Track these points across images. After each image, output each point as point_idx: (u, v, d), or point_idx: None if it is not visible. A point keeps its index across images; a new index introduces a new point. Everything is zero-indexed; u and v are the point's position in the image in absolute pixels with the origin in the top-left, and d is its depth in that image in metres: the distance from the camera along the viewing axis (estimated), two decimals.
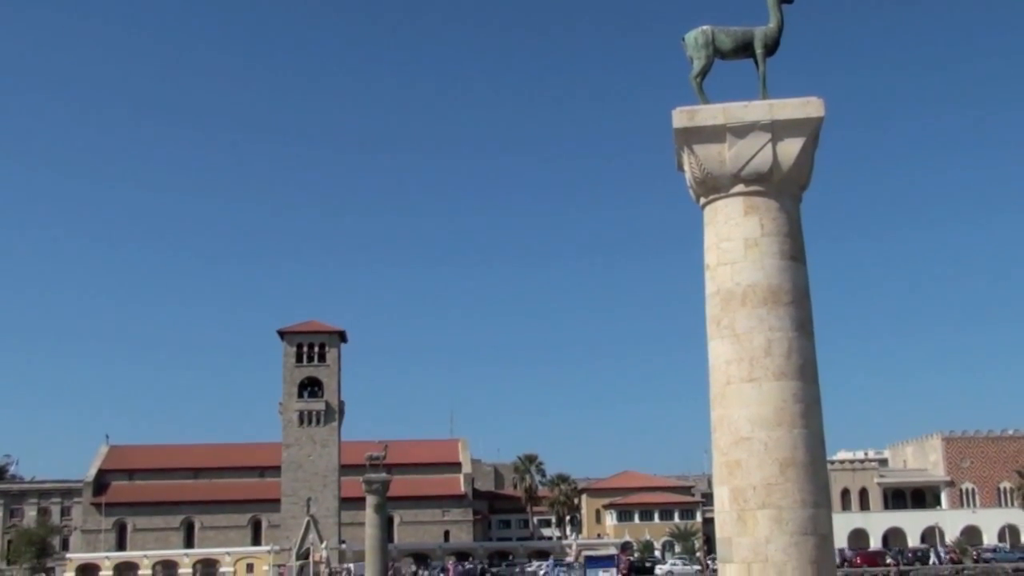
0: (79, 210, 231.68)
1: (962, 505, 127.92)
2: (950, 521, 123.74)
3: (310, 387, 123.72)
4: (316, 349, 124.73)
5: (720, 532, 14.44)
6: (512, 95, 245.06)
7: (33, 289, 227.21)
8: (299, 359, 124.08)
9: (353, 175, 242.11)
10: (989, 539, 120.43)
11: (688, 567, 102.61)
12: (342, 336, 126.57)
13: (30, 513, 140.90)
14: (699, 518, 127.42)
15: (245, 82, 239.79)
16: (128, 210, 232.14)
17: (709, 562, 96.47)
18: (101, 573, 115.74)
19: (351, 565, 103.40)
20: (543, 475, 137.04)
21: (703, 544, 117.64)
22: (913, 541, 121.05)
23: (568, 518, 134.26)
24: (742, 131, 14.62)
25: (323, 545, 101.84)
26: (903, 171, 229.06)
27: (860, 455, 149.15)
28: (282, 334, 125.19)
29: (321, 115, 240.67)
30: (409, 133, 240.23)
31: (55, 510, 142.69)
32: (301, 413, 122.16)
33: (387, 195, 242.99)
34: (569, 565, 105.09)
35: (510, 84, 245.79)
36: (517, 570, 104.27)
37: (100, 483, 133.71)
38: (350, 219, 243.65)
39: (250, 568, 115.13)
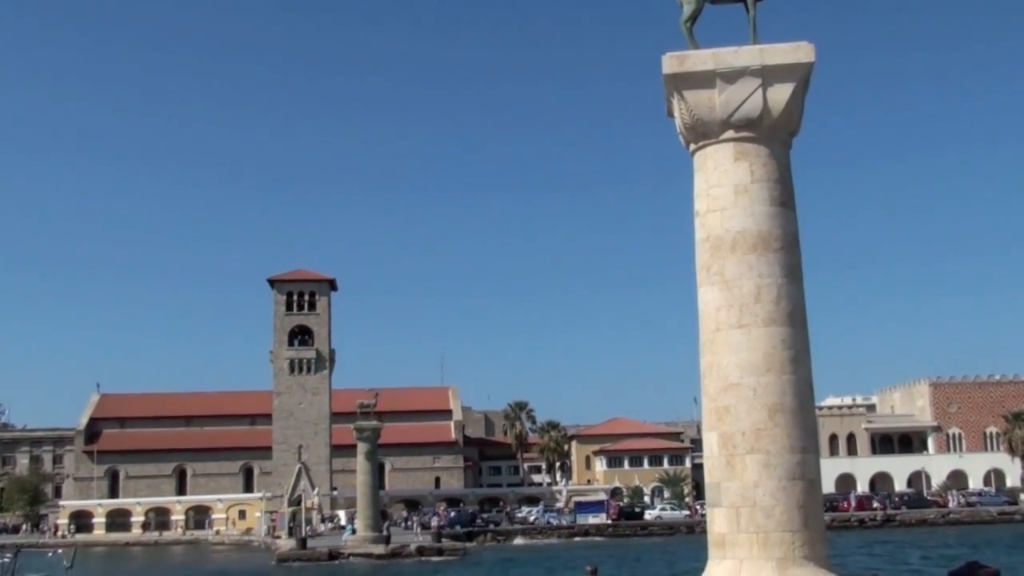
0: (68, 163, 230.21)
1: (949, 450, 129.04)
2: (936, 466, 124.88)
3: (300, 335, 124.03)
4: (306, 297, 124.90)
5: (709, 477, 14.54)
6: (506, 25, 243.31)
7: (22, 238, 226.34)
8: (289, 307, 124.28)
9: (344, 121, 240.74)
10: (975, 483, 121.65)
11: (677, 512, 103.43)
12: (332, 284, 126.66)
13: (22, 461, 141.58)
14: (688, 464, 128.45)
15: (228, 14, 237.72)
16: (120, 152, 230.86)
17: (698, 507, 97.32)
18: (94, 520, 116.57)
19: (341, 512, 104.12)
20: (533, 422, 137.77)
21: (692, 489, 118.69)
22: (900, 486, 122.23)
23: (558, 464, 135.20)
24: (732, 76, 14.52)
25: (315, 492, 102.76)
26: (886, 116, 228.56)
27: (848, 401, 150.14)
28: (272, 282, 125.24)
29: (307, 54, 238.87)
30: (395, 60, 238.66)
31: (47, 458, 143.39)
32: (292, 361, 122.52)
33: (378, 139, 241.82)
34: (559, 511, 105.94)
35: (505, 14, 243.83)
36: (508, 516, 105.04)
37: (92, 431, 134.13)
38: (339, 168, 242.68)
39: (242, 515, 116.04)
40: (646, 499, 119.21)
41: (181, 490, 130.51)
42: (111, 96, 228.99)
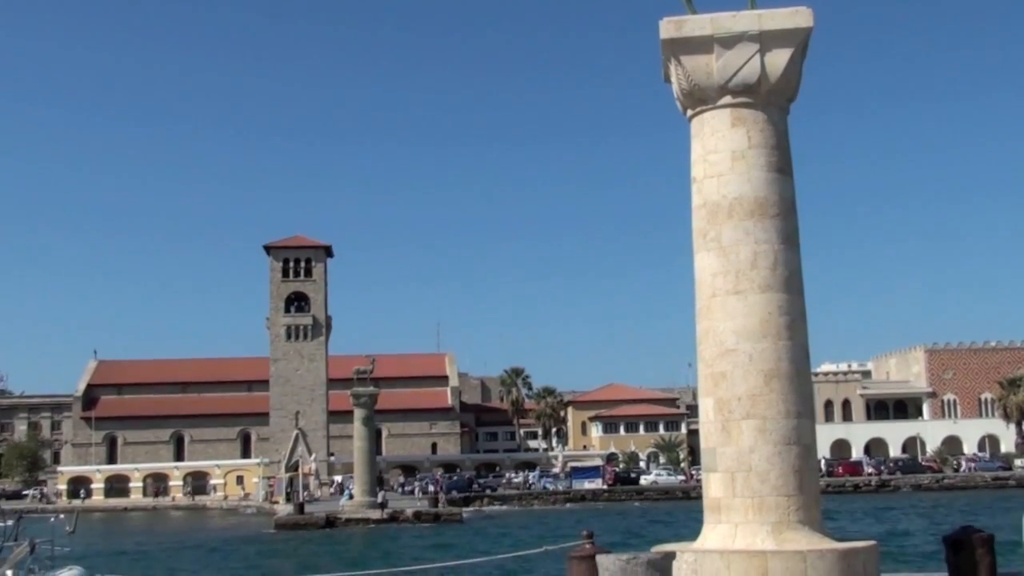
0: (61, 135, 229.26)
1: (943, 416, 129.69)
2: (931, 432, 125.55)
3: (297, 302, 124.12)
4: (302, 264, 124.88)
5: (704, 442, 14.60)
6: None
7: (18, 205, 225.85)
8: (285, 274, 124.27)
9: (334, 87, 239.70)
10: (969, 449, 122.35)
11: (673, 477, 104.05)
12: (328, 251, 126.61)
13: (20, 427, 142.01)
14: (684, 429, 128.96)
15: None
16: (116, 120, 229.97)
17: (693, 472, 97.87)
18: (93, 486, 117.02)
19: (338, 477, 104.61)
20: (529, 388, 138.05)
21: (687, 455, 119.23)
22: (895, 451, 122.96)
23: (554, 430, 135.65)
24: (730, 42, 14.45)
25: (312, 457, 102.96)
26: (883, 77, 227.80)
27: (844, 367, 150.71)
28: (268, 249, 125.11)
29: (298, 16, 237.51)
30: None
31: (45, 424, 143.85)
32: (288, 328, 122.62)
33: (371, 104, 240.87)
34: (555, 476, 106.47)
35: None
36: (504, 481, 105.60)
37: (89, 398, 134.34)
38: (335, 135, 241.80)
39: (240, 480, 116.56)
40: (642, 464, 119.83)
41: (179, 456, 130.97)
42: (103, 61, 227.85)
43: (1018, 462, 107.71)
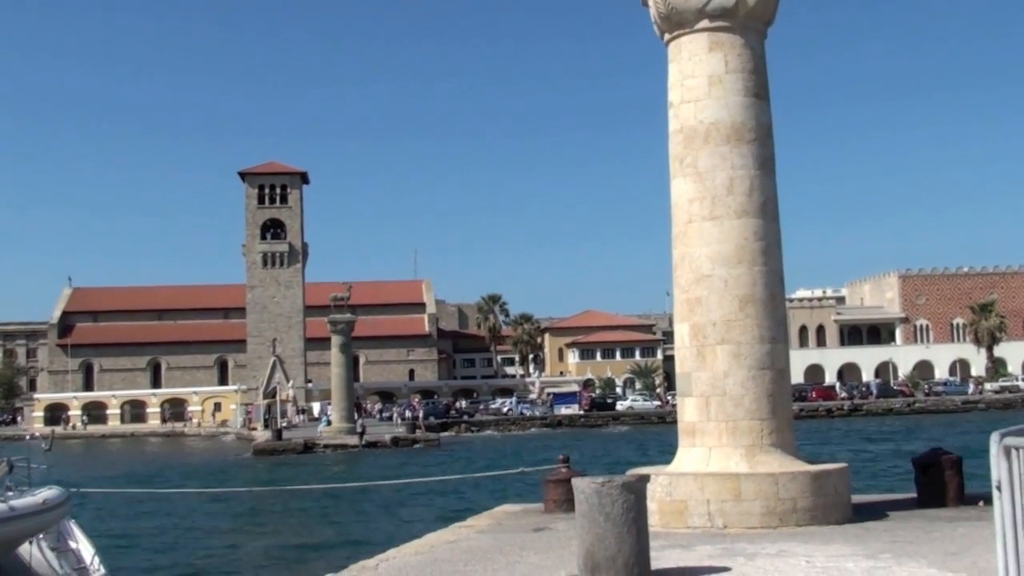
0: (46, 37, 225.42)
1: (916, 341, 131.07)
2: (903, 356, 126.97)
3: (273, 229, 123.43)
4: (278, 191, 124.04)
5: (680, 368, 14.72)
6: None
7: None
8: (261, 201, 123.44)
9: (312, 9, 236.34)
10: (941, 373, 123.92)
11: (648, 402, 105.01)
12: (304, 177, 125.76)
13: None
14: (660, 355, 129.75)
15: None
16: (91, 44, 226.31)
17: (669, 398, 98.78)
18: (70, 413, 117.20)
19: (316, 404, 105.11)
20: (506, 315, 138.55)
21: (663, 380, 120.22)
22: (867, 376, 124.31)
23: (531, 357, 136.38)
24: None
25: (289, 384, 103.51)
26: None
27: (818, 293, 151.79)
28: (243, 175, 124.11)
29: None
30: None
31: (20, 352, 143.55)
32: (265, 255, 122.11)
33: (346, 27, 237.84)
34: (532, 402, 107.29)
35: None
36: (482, 407, 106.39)
37: (65, 325, 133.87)
38: (309, 59, 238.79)
39: (218, 407, 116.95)
40: (618, 390, 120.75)
41: (156, 383, 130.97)
42: None
43: (988, 385, 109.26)
